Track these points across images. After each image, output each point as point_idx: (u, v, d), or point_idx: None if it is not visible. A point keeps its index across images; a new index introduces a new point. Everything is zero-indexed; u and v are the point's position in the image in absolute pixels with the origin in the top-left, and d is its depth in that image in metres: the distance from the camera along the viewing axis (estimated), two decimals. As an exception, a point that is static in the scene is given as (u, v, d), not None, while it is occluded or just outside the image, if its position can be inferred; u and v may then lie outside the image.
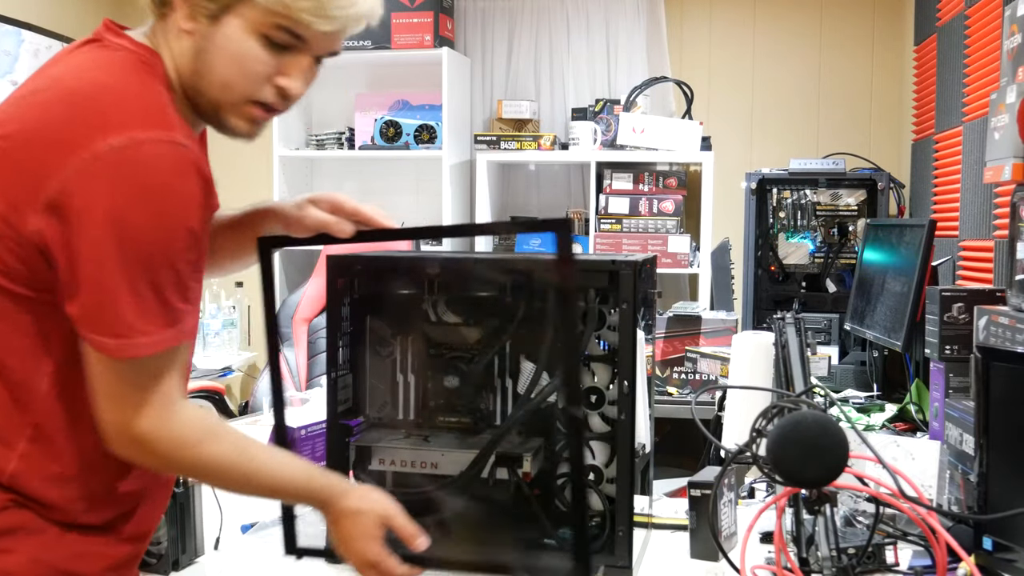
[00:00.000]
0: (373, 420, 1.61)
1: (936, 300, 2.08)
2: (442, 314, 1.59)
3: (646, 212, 4.05)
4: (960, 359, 2.02)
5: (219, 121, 1.17)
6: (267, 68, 1.14)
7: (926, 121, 3.63)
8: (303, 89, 1.18)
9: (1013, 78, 2.00)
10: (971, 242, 2.92)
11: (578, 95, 4.42)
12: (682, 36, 4.43)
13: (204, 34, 1.12)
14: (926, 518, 1.28)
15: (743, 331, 2.94)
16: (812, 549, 1.31)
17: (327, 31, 1.13)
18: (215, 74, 1.13)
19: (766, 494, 1.86)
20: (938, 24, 3.42)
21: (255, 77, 1.14)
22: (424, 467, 1.52)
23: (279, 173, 4.40)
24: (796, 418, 1.23)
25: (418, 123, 4.25)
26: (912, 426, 2.29)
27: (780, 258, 3.55)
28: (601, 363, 1.52)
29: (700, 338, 3.08)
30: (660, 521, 1.69)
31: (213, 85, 1.14)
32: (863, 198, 3.48)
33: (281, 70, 1.15)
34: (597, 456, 1.53)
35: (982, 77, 2.85)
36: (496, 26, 4.52)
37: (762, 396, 1.91)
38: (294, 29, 1.12)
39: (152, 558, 1.48)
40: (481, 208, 4.25)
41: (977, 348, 1.53)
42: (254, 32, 1.12)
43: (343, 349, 1.54)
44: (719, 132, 4.25)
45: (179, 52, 1.15)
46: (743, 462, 1.58)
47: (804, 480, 1.24)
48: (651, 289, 1.59)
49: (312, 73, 1.19)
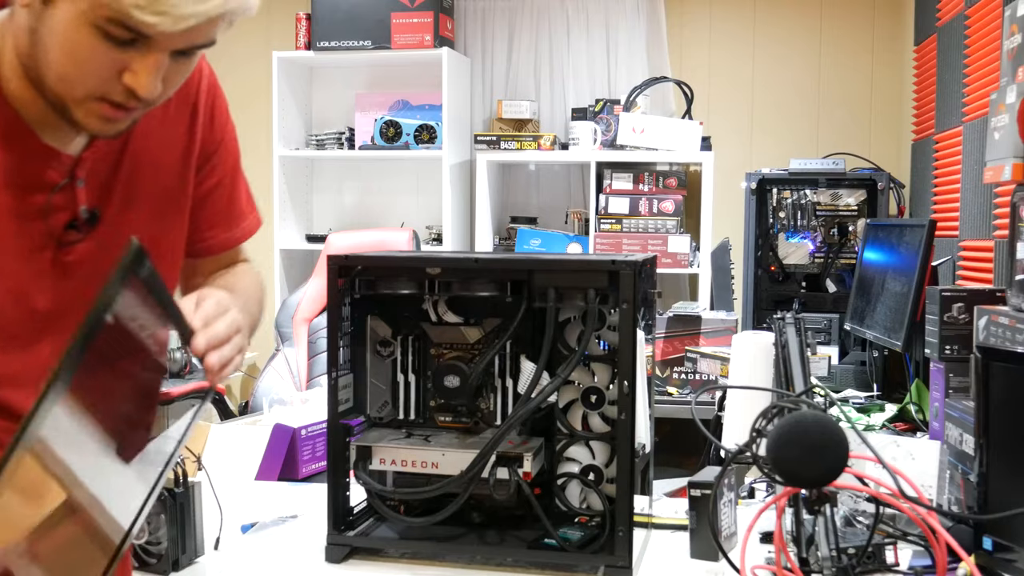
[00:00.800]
0: (373, 420, 1.62)
1: (936, 300, 2.08)
2: (442, 314, 1.59)
3: (646, 212, 4.05)
4: (960, 359, 2.02)
5: (65, 115, 1.01)
6: (108, 64, 0.96)
7: (926, 121, 3.63)
8: (155, 88, 0.99)
9: (1013, 78, 2.00)
10: (971, 242, 2.92)
11: (578, 95, 4.42)
12: (682, 36, 4.43)
13: (38, 14, 0.96)
14: (926, 518, 1.28)
15: (743, 331, 2.94)
16: (812, 549, 1.31)
17: (171, 31, 0.94)
18: (51, 64, 0.97)
19: (766, 494, 1.86)
20: (938, 24, 3.42)
21: (94, 73, 0.97)
22: (424, 467, 1.52)
23: (279, 173, 4.40)
24: (796, 418, 1.23)
25: (418, 123, 4.25)
26: (912, 426, 2.29)
27: (780, 258, 3.55)
28: (601, 363, 1.52)
29: (700, 338, 3.08)
30: (660, 521, 1.69)
31: (50, 76, 0.98)
32: (863, 198, 3.48)
33: (128, 66, 0.97)
34: (597, 456, 1.53)
35: (982, 77, 2.85)
36: (496, 26, 4.52)
37: (762, 396, 1.91)
38: (128, 25, 0.93)
39: (152, 558, 1.48)
40: (481, 208, 4.25)
41: (977, 348, 1.53)
42: (87, 23, 0.93)
43: (343, 349, 1.55)
44: (719, 132, 4.25)
45: (19, 30, 1.00)
46: (743, 462, 1.58)
47: (804, 480, 1.24)
48: (651, 289, 1.59)
49: (177, 69, 1.01)
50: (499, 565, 1.49)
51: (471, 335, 1.59)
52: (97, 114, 1.00)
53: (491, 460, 1.46)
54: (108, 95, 0.98)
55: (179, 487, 1.49)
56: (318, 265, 3.99)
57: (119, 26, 0.93)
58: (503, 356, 1.56)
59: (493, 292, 1.50)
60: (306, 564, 1.52)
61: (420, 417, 1.62)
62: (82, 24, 0.94)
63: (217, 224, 1.29)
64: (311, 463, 2.03)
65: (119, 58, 0.96)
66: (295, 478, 1.99)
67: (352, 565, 1.53)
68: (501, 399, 1.57)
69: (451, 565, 1.50)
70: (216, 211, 1.28)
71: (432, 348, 1.61)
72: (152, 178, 1.17)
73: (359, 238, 3.94)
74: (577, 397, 1.53)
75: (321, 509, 1.54)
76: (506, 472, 1.47)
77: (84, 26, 0.94)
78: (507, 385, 1.57)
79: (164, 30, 0.93)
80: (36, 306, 1.09)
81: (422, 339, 1.61)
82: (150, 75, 0.97)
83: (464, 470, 1.47)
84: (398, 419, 1.62)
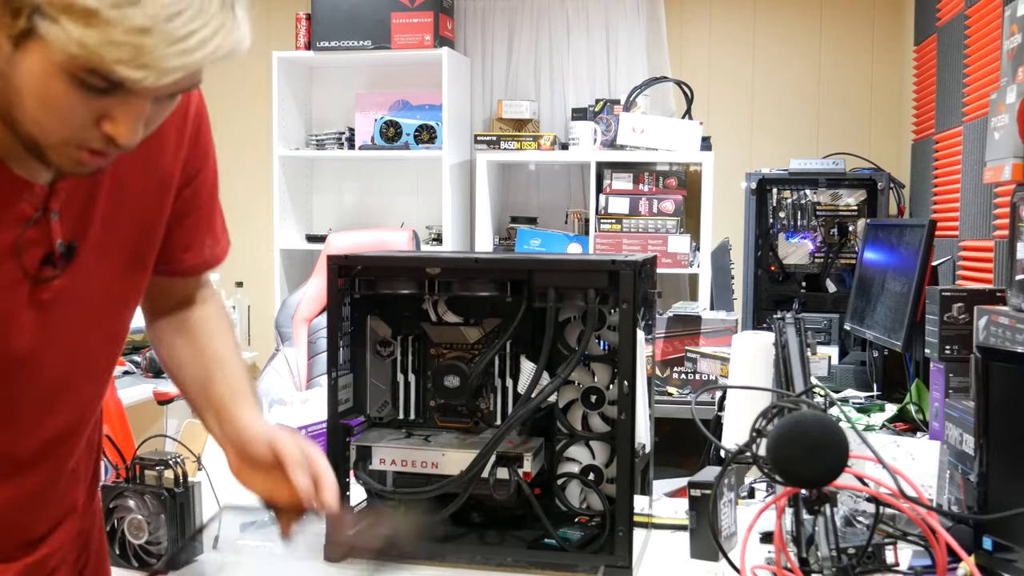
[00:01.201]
0: (373, 420, 1.62)
1: (936, 300, 2.08)
2: (442, 314, 1.59)
3: (646, 212, 4.05)
4: (960, 359, 2.02)
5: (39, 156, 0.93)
6: (85, 112, 0.88)
7: (926, 121, 3.63)
8: (137, 136, 0.91)
9: (1013, 78, 2.00)
10: (971, 242, 2.92)
11: (578, 95, 4.42)
12: (682, 36, 4.43)
13: (8, 57, 0.85)
14: (926, 518, 1.28)
15: (743, 331, 2.94)
16: (812, 549, 1.31)
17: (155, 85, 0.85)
18: (23, 109, 0.88)
19: (766, 494, 1.86)
20: (938, 24, 3.42)
21: (71, 122, 0.88)
22: (424, 467, 1.52)
23: (279, 173, 4.40)
24: (796, 418, 1.23)
25: (418, 123, 4.25)
26: (912, 426, 2.29)
27: (780, 258, 3.55)
28: (601, 363, 1.52)
29: (700, 338, 3.08)
30: (660, 521, 1.69)
31: (23, 120, 0.89)
32: (863, 198, 3.48)
33: (107, 113, 0.88)
34: (597, 456, 1.53)
35: (982, 77, 2.85)
36: (496, 26, 4.52)
37: (762, 396, 1.91)
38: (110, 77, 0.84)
39: (152, 558, 1.48)
40: (481, 208, 4.25)
41: (977, 348, 1.53)
42: (62, 72, 0.84)
43: (343, 349, 1.55)
44: (719, 132, 4.25)
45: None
46: (743, 462, 1.58)
47: (804, 480, 1.24)
48: (651, 289, 1.59)
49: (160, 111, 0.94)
50: (499, 565, 1.49)
51: (471, 335, 1.59)
52: (74, 159, 0.92)
53: (491, 460, 1.46)
54: (86, 142, 0.90)
55: (179, 487, 1.49)
56: (318, 265, 3.99)
57: (98, 76, 0.84)
58: (503, 356, 1.56)
59: (493, 292, 1.50)
60: (306, 564, 1.52)
61: (420, 417, 1.62)
62: (57, 72, 0.84)
63: (192, 247, 1.25)
64: (311, 463, 2.03)
65: (97, 105, 0.87)
66: (295, 478, 1.98)
67: (352, 565, 1.52)
68: (501, 399, 1.57)
69: (451, 565, 1.50)
70: (193, 233, 1.24)
71: (432, 348, 1.61)
72: (131, 205, 1.10)
73: (359, 238, 3.94)
74: (577, 397, 1.53)
75: (321, 509, 1.54)
76: (506, 472, 1.47)
77: (59, 74, 0.84)
78: (507, 385, 1.57)
79: (149, 85, 0.85)
80: (11, 344, 1.03)
81: (422, 339, 1.61)
82: (131, 124, 0.90)
83: (464, 470, 1.47)
84: (398, 419, 1.63)
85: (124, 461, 1.51)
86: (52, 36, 0.81)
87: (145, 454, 1.51)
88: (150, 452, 1.53)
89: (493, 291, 1.50)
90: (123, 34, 0.81)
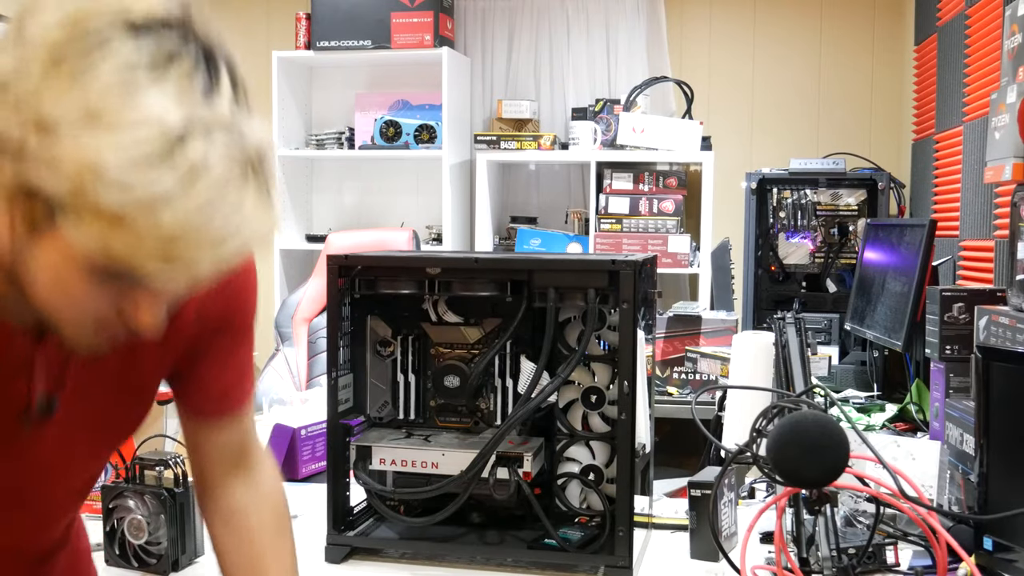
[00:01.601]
0: (373, 420, 1.61)
1: (936, 300, 2.08)
2: (442, 314, 1.59)
3: (646, 212, 4.05)
4: (960, 359, 2.02)
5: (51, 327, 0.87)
6: (104, 301, 0.82)
7: (926, 121, 3.63)
8: (160, 318, 0.85)
9: (1013, 78, 2.00)
10: (971, 242, 2.92)
11: (578, 95, 4.41)
12: (682, 36, 4.42)
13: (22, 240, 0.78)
14: (926, 518, 1.28)
15: (743, 331, 2.94)
16: (812, 549, 1.31)
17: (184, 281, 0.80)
18: (36, 292, 0.81)
19: (766, 494, 1.86)
20: (938, 24, 3.42)
21: (88, 310, 0.82)
22: (424, 467, 1.52)
23: (279, 173, 4.39)
24: (796, 418, 1.23)
25: (418, 123, 4.25)
26: (912, 426, 2.29)
27: (780, 258, 3.55)
28: (601, 363, 1.52)
29: (700, 338, 3.08)
30: (660, 521, 1.69)
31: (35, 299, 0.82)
32: (863, 198, 3.47)
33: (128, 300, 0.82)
34: (597, 456, 1.53)
35: (982, 77, 2.84)
36: (496, 26, 4.52)
37: (762, 396, 1.91)
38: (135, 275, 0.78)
39: (152, 558, 1.48)
40: (481, 208, 4.25)
41: (977, 348, 1.53)
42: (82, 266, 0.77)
43: (343, 349, 1.55)
44: (719, 132, 4.25)
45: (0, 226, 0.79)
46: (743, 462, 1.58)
47: (804, 480, 1.24)
48: (651, 289, 1.59)
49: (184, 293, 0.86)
50: (499, 565, 1.49)
51: (471, 335, 1.59)
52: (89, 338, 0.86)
53: (491, 460, 1.46)
54: (104, 326, 0.85)
55: (179, 487, 1.49)
56: (318, 265, 3.99)
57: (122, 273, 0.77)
58: (503, 356, 1.56)
59: (493, 292, 1.50)
60: (306, 564, 1.52)
61: (420, 417, 1.62)
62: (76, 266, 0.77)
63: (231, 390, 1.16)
64: (311, 463, 2.03)
65: (119, 293, 0.81)
66: (295, 478, 1.99)
67: (352, 565, 1.53)
68: (501, 399, 1.57)
69: (451, 565, 1.50)
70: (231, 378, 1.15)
71: (432, 348, 1.61)
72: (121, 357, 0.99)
73: (359, 238, 3.94)
74: (577, 397, 1.53)
75: (321, 509, 1.54)
76: (506, 472, 1.47)
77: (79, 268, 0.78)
78: (507, 385, 1.57)
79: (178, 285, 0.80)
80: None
81: (422, 339, 1.61)
82: (156, 311, 0.84)
83: (464, 470, 1.47)
84: (398, 419, 1.62)
85: (124, 461, 1.51)
86: (74, 235, 0.75)
87: (145, 454, 1.51)
88: (150, 452, 1.53)
89: (493, 291, 1.50)
90: (153, 241, 0.74)
